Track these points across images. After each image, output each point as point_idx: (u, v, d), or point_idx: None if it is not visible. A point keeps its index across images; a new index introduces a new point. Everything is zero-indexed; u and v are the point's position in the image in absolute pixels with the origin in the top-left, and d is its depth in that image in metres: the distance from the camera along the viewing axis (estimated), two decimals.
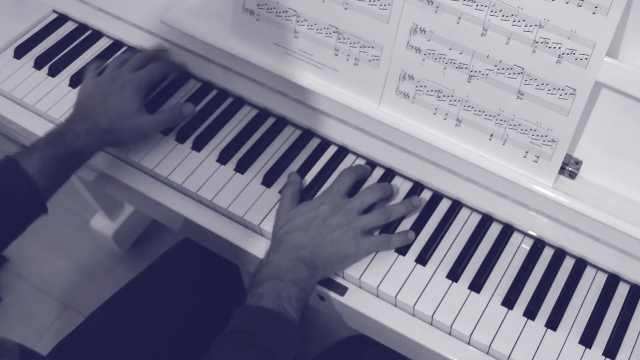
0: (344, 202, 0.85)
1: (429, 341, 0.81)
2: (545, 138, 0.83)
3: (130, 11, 1.06)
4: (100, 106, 0.90)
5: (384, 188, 0.89)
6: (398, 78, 0.88)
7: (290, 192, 0.89)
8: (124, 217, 1.66)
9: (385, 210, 0.86)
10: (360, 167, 0.92)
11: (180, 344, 1.00)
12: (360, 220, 0.84)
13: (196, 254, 1.07)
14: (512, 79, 0.81)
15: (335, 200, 0.85)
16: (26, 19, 1.11)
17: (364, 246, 0.84)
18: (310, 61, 0.93)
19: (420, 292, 0.83)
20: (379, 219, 0.86)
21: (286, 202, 0.87)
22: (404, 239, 0.86)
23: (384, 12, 0.85)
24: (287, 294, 0.77)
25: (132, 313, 1.02)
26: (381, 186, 0.89)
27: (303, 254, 0.80)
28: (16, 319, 1.63)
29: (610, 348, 0.79)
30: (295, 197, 0.88)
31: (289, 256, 0.80)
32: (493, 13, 0.79)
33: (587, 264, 0.86)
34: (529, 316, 0.82)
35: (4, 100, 1.03)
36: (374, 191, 0.88)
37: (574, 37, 0.76)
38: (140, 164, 0.94)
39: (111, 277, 1.65)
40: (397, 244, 0.86)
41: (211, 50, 0.99)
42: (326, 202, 0.85)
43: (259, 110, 1.00)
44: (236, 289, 1.11)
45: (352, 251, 0.83)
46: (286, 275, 0.78)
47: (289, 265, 0.79)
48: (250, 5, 0.93)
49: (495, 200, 0.88)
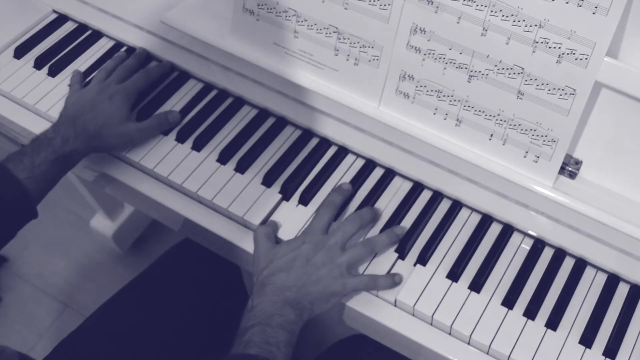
0: (325, 239, 0.83)
1: (429, 341, 0.81)
2: (545, 138, 0.83)
3: (130, 11, 1.06)
4: (89, 112, 0.91)
5: (362, 216, 0.86)
6: (398, 78, 0.88)
7: (264, 232, 0.86)
8: (124, 217, 1.66)
9: (369, 243, 0.84)
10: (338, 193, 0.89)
11: (180, 344, 1.00)
12: (344, 256, 0.82)
13: (196, 254, 1.07)
14: (512, 79, 0.81)
15: (316, 238, 0.83)
16: (26, 19, 1.11)
17: (350, 285, 0.81)
18: (310, 61, 0.93)
19: (420, 292, 0.83)
20: (363, 252, 0.83)
21: (263, 243, 0.85)
22: (391, 282, 0.83)
23: (384, 12, 0.85)
24: (276, 339, 0.75)
25: (132, 313, 1.02)
26: (359, 215, 0.86)
27: (289, 295, 0.79)
28: (16, 319, 1.63)
29: (610, 348, 0.79)
30: (271, 237, 0.86)
31: (274, 299, 0.78)
32: (493, 13, 0.79)
33: (587, 264, 0.86)
34: (529, 316, 0.82)
35: (4, 100, 1.03)
36: (353, 222, 0.85)
37: (574, 37, 0.76)
38: (140, 164, 0.94)
39: (111, 277, 1.65)
40: (383, 287, 0.83)
41: (211, 50, 0.99)
42: (307, 240, 0.83)
43: (259, 110, 1.00)
44: (236, 289, 1.11)
45: (339, 289, 0.81)
46: (273, 319, 0.76)
47: (274, 308, 0.77)
48: (250, 5, 0.93)
49: (495, 200, 0.88)
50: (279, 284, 0.80)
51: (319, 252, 0.82)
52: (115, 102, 0.93)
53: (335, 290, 0.81)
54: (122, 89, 0.95)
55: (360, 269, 0.85)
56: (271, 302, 0.78)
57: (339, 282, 0.81)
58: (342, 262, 0.82)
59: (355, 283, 0.82)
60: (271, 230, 0.87)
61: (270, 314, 0.77)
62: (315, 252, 0.82)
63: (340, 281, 0.81)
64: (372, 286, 0.83)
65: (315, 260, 0.81)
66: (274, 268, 0.81)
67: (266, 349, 0.74)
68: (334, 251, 0.82)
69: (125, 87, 0.96)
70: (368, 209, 0.88)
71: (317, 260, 0.81)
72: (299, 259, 0.81)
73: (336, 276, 0.81)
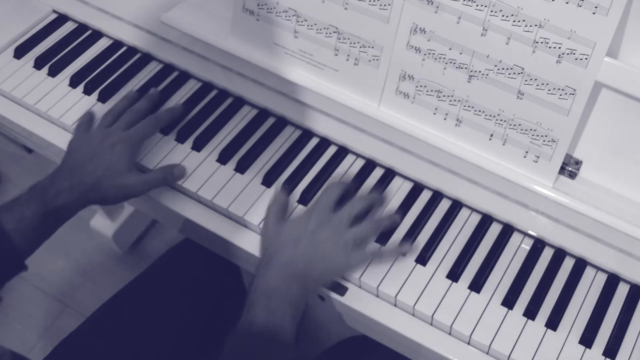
0: (331, 216, 0.83)
1: (429, 341, 0.81)
2: (545, 138, 0.83)
3: (130, 11, 1.06)
4: (88, 163, 0.86)
5: (371, 198, 0.87)
6: (398, 78, 0.88)
7: (276, 209, 0.86)
8: (124, 217, 1.66)
9: (374, 221, 0.85)
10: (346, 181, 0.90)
11: (181, 345, 1.00)
12: (349, 233, 0.82)
13: (196, 255, 1.07)
14: (512, 79, 0.81)
15: (323, 214, 0.83)
16: (26, 19, 1.11)
17: (355, 258, 0.82)
18: (310, 61, 0.93)
19: (420, 292, 0.83)
20: (369, 229, 0.84)
21: (272, 219, 0.85)
22: (397, 252, 0.84)
23: (384, 12, 0.85)
24: (281, 312, 0.76)
25: (132, 313, 1.02)
26: (368, 196, 0.87)
27: (295, 269, 0.79)
28: (16, 319, 1.63)
29: (610, 348, 0.79)
30: (281, 215, 0.86)
31: (280, 273, 0.78)
32: (493, 13, 0.79)
33: (587, 264, 0.86)
34: (529, 316, 0.82)
35: (4, 100, 1.03)
36: (361, 201, 0.86)
37: (574, 37, 0.76)
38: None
39: (111, 277, 1.65)
40: (388, 259, 0.84)
41: (211, 50, 0.99)
42: (314, 216, 0.83)
43: (259, 110, 1.00)
44: (236, 289, 1.11)
45: (344, 264, 0.82)
46: (278, 292, 0.77)
47: (280, 281, 0.78)
48: (250, 5, 0.93)
49: (495, 200, 0.88)
50: (285, 259, 0.80)
51: (326, 228, 0.82)
52: (117, 152, 0.87)
53: (340, 265, 0.82)
54: (126, 136, 0.89)
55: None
56: (277, 276, 0.78)
57: (343, 256, 0.81)
58: (348, 238, 0.82)
59: (361, 255, 0.83)
60: (282, 208, 0.87)
61: (276, 287, 0.77)
62: (321, 228, 0.82)
63: (345, 255, 0.82)
64: (377, 260, 0.84)
65: (322, 236, 0.81)
66: (280, 243, 0.82)
67: (272, 322, 0.75)
68: (340, 227, 0.83)
69: (130, 135, 0.90)
70: (377, 192, 0.89)
71: (324, 236, 0.81)
72: (306, 234, 0.81)
73: (340, 251, 0.81)
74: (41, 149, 1.06)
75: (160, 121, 0.95)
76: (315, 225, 0.82)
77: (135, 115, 0.94)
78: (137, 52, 1.07)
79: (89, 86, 1.02)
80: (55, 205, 0.84)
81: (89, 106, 1.00)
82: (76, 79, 1.03)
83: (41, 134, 1.00)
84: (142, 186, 0.88)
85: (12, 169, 1.84)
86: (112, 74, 1.04)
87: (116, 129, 0.91)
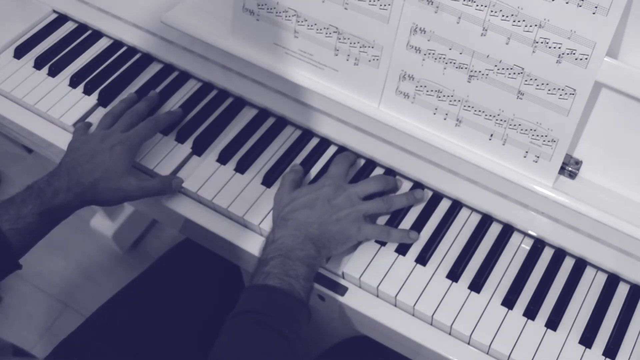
0: (346, 186, 0.87)
1: (429, 341, 0.81)
2: (545, 138, 0.83)
3: (130, 11, 1.06)
4: (86, 163, 0.86)
5: (387, 180, 0.90)
6: (398, 78, 0.88)
7: (291, 177, 0.89)
8: (124, 217, 1.66)
9: (387, 200, 0.87)
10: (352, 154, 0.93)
11: (181, 344, 1.00)
12: (363, 205, 0.85)
13: (196, 255, 1.07)
14: (512, 79, 0.81)
15: (337, 183, 0.86)
16: (26, 19, 1.11)
17: (364, 230, 0.84)
18: (310, 61, 0.93)
19: (420, 292, 0.83)
20: (381, 206, 0.86)
21: (287, 186, 0.88)
22: (405, 235, 0.86)
23: (384, 12, 0.85)
24: (295, 272, 0.77)
25: (132, 313, 1.02)
26: (385, 178, 0.90)
27: (311, 231, 0.81)
28: (16, 319, 1.63)
29: (610, 348, 0.79)
30: (296, 184, 0.89)
31: (295, 233, 0.80)
32: (493, 13, 0.79)
33: (587, 264, 0.86)
34: (529, 316, 0.82)
35: (4, 100, 1.03)
36: (377, 181, 0.88)
37: (574, 37, 0.76)
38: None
39: (111, 277, 1.65)
40: (396, 239, 0.86)
41: (211, 50, 0.99)
42: (328, 184, 0.86)
43: (259, 110, 1.00)
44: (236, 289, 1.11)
45: (355, 233, 0.84)
46: (293, 252, 0.79)
47: (296, 242, 0.80)
48: (250, 5, 0.93)
49: (495, 200, 0.88)
50: (301, 220, 0.82)
51: (340, 196, 0.85)
52: (116, 154, 0.87)
53: (351, 233, 0.83)
54: (125, 138, 0.89)
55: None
56: (293, 236, 0.80)
57: (355, 225, 0.84)
58: (360, 209, 0.85)
59: (370, 229, 0.85)
60: (299, 178, 0.90)
61: (292, 247, 0.79)
62: (336, 195, 0.85)
63: (357, 225, 0.84)
64: (385, 236, 0.86)
65: (337, 202, 0.84)
66: (296, 205, 0.84)
67: (286, 280, 0.76)
68: (354, 198, 0.85)
69: (128, 136, 0.90)
70: (393, 178, 0.91)
71: (338, 202, 0.84)
72: (320, 199, 0.84)
73: (354, 220, 0.84)
74: (41, 149, 1.06)
75: (159, 123, 0.94)
76: (330, 191, 0.85)
77: (134, 117, 0.94)
78: (137, 52, 1.07)
79: (89, 86, 1.02)
80: (52, 205, 0.84)
81: (89, 106, 1.01)
82: (76, 79, 1.03)
83: (41, 134, 1.00)
84: (138, 192, 0.88)
85: (12, 169, 1.84)
86: (112, 74, 1.04)
87: (115, 130, 0.91)
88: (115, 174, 0.87)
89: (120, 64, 1.06)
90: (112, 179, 0.86)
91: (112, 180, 0.86)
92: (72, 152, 0.89)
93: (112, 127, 0.92)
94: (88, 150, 0.88)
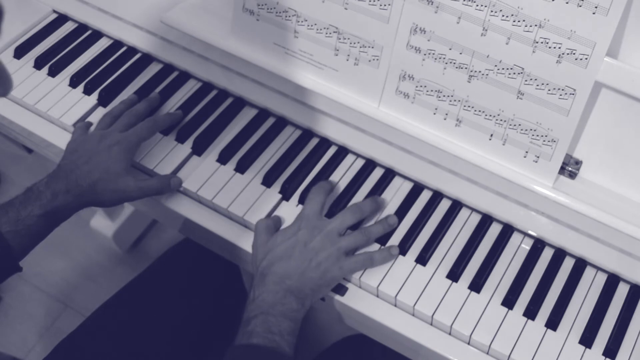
0: (322, 224, 0.83)
1: (429, 341, 0.81)
2: (545, 138, 0.83)
3: (130, 11, 1.06)
4: (84, 164, 0.86)
5: (362, 209, 0.86)
6: (398, 78, 0.88)
7: (264, 224, 0.85)
8: (124, 217, 1.66)
9: (365, 232, 0.85)
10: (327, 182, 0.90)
11: (180, 344, 1.00)
12: (342, 242, 0.82)
13: (196, 255, 1.07)
14: (512, 79, 0.81)
15: (312, 223, 0.83)
16: (26, 19, 1.11)
17: (347, 266, 0.82)
18: (310, 61, 0.93)
19: (420, 292, 0.83)
20: (360, 239, 0.84)
21: (262, 235, 0.84)
22: (387, 255, 0.84)
23: (384, 12, 0.85)
24: (279, 327, 0.75)
25: (132, 313, 1.02)
26: (359, 207, 0.86)
27: (290, 283, 0.79)
28: (16, 319, 1.63)
29: (610, 348, 0.79)
30: (271, 230, 0.85)
31: (275, 288, 0.78)
32: (493, 13, 0.79)
33: (587, 264, 0.86)
34: (529, 316, 0.82)
35: (4, 100, 1.03)
36: (353, 212, 0.85)
37: (574, 37, 0.76)
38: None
39: (111, 277, 1.65)
40: (380, 262, 0.84)
41: (211, 50, 0.99)
42: (303, 226, 0.83)
43: (259, 110, 1.00)
44: (236, 290, 1.11)
45: (338, 273, 0.81)
46: (275, 308, 0.76)
47: (276, 298, 0.77)
48: (250, 5, 0.93)
49: (495, 200, 0.88)
50: (280, 273, 0.79)
51: (317, 237, 0.82)
52: (113, 154, 0.87)
53: (334, 274, 0.81)
54: (123, 138, 0.88)
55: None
56: (273, 291, 0.78)
57: (336, 265, 0.81)
58: (340, 247, 0.82)
59: (353, 263, 0.82)
60: (272, 223, 0.86)
61: (273, 303, 0.77)
62: (312, 237, 0.82)
63: (338, 265, 0.81)
64: (369, 264, 0.83)
65: (314, 245, 0.81)
66: (273, 257, 0.81)
67: (269, 338, 0.74)
68: (332, 236, 0.82)
69: (127, 137, 0.89)
70: (369, 201, 0.88)
71: (316, 245, 0.81)
72: (297, 245, 0.81)
73: (334, 260, 0.81)
74: (41, 149, 1.06)
75: (158, 124, 0.94)
76: (306, 234, 0.82)
77: (133, 117, 0.93)
78: (137, 52, 1.07)
79: (89, 86, 1.02)
80: (51, 206, 0.84)
81: (89, 106, 1.01)
82: (76, 79, 1.03)
83: (41, 134, 1.00)
84: (137, 192, 0.88)
85: (12, 169, 1.84)
86: (112, 74, 1.04)
87: (113, 130, 0.91)
88: (113, 175, 0.86)
89: (120, 64, 1.06)
90: (111, 179, 0.86)
91: (110, 181, 0.86)
92: (70, 153, 0.89)
93: (110, 127, 0.92)
94: (86, 151, 0.88)
